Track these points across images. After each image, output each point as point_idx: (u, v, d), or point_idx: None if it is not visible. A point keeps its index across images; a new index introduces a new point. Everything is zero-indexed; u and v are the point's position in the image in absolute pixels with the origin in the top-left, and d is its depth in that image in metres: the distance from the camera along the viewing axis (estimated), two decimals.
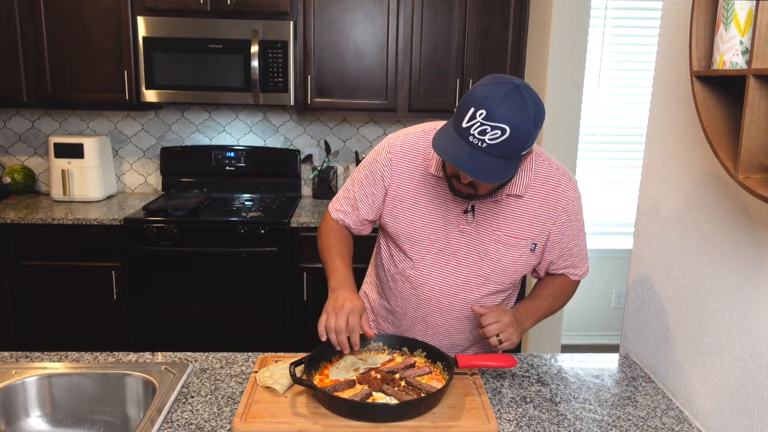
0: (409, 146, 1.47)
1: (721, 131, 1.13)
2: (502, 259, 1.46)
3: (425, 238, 1.47)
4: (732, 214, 1.25)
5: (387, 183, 1.48)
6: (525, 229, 1.45)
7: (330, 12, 3.13)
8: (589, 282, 3.98)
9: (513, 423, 1.29)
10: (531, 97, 1.21)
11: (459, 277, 1.48)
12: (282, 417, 1.25)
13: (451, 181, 1.36)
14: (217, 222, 3.01)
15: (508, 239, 1.45)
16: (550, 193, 1.44)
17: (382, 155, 1.49)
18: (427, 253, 1.48)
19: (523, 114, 1.18)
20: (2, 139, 3.57)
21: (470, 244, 1.46)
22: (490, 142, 1.18)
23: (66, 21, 3.07)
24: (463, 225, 1.45)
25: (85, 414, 1.45)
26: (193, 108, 3.57)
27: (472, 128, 1.19)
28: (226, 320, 3.09)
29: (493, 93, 1.18)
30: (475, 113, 1.18)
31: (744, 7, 1.04)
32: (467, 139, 1.20)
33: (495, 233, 1.44)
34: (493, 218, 1.44)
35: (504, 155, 1.20)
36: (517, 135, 1.18)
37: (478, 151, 1.19)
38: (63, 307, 3.07)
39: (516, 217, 1.44)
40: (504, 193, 1.41)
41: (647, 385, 1.48)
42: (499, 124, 1.17)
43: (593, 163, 3.78)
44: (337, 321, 1.35)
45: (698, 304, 1.36)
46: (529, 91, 1.21)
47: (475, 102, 1.19)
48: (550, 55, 2.92)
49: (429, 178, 1.45)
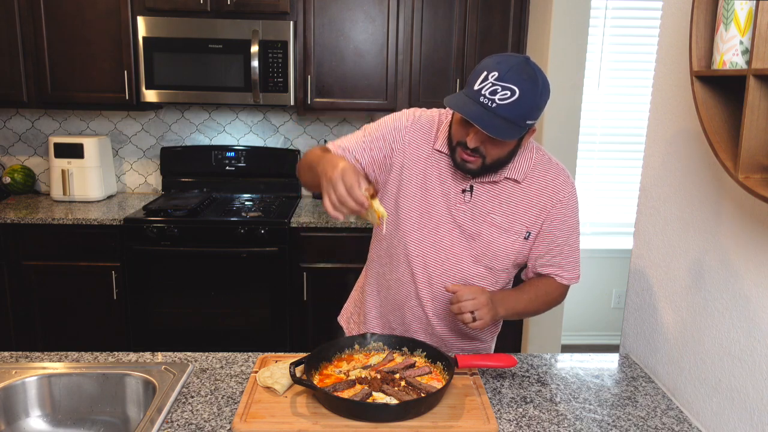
0: (425, 121, 1.51)
1: (721, 131, 1.13)
2: (494, 242, 1.49)
3: (424, 212, 1.50)
4: (732, 214, 1.25)
5: (395, 154, 1.49)
6: (520, 216, 1.47)
7: (330, 12, 3.13)
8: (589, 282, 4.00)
9: (513, 423, 1.29)
10: (539, 71, 1.30)
11: (452, 254, 1.51)
12: (282, 417, 1.25)
13: (456, 150, 1.39)
14: (217, 222, 3.01)
15: (502, 223, 1.48)
16: (549, 185, 1.47)
17: (401, 122, 1.51)
18: (423, 227, 1.51)
19: (533, 81, 1.27)
20: (2, 139, 3.57)
21: (465, 223, 1.49)
22: (500, 102, 1.25)
23: (66, 21, 3.07)
24: (460, 204, 1.48)
25: (85, 414, 1.45)
26: (193, 108, 3.57)
27: (484, 89, 1.26)
28: (226, 320, 3.09)
29: (506, 60, 1.28)
30: (487, 75, 1.26)
31: (744, 7, 1.04)
32: (478, 99, 1.27)
33: (490, 215, 1.47)
34: (489, 201, 1.47)
35: (511, 118, 1.26)
36: (526, 100, 1.25)
37: (487, 111, 1.26)
38: (63, 307, 3.07)
39: (512, 202, 1.47)
40: (503, 176, 1.45)
41: (647, 385, 1.49)
42: (509, 84, 1.25)
43: (593, 163, 3.78)
44: (337, 191, 1.24)
45: (698, 304, 1.36)
46: (537, 66, 1.30)
47: (487, 67, 1.27)
48: (550, 55, 2.92)
49: (434, 153, 1.48)
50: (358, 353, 1.48)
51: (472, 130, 1.33)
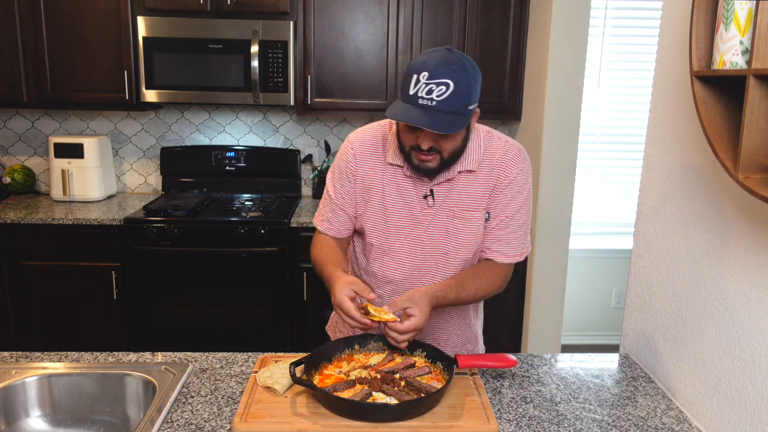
0: (369, 139, 1.55)
1: (721, 131, 1.13)
2: (461, 234, 1.51)
3: (392, 227, 1.53)
4: (732, 214, 1.25)
5: (356, 176, 1.54)
6: (479, 201, 1.51)
7: (330, 12, 3.13)
8: (589, 282, 4.00)
9: (513, 423, 1.29)
10: (464, 56, 1.34)
11: (427, 260, 1.53)
12: (282, 417, 1.25)
13: (411, 156, 1.42)
14: (217, 222, 3.01)
15: (463, 213, 1.50)
16: (500, 162, 1.51)
17: (346, 153, 1.56)
18: (396, 240, 1.53)
19: (462, 69, 1.30)
20: (2, 139, 3.57)
21: (432, 225, 1.51)
22: (439, 99, 1.28)
23: (66, 21, 3.07)
24: (425, 209, 1.51)
25: (85, 414, 1.45)
26: (193, 108, 3.57)
27: (419, 91, 1.29)
28: (226, 320, 3.09)
29: (430, 57, 1.31)
30: (418, 78, 1.29)
31: (744, 7, 1.04)
32: (418, 103, 1.30)
33: (452, 209, 1.50)
34: (451, 198, 1.50)
35: (454, 110, 1.30)
36: (461, 88, 1.29)
37: (429, 110, 1.29)
38: (63, 307, 3.07)
39: (471, 191, 1.51)
40: (457, 171, 1.48)
41: (647, 385, 1.49)
42: (442, 79, 1.28)
43: (593, 163, 3.78)
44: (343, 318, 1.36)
45: (698, 304, 1.36)
46: (460, 52, 1.36)
47: (415, 69, 1.31)
48: (550, 55, 2.92)
49: (388, 168, 1.52)
50: (358, 353, 1.48)
51: (422, 132, 1.36)
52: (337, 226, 1.60)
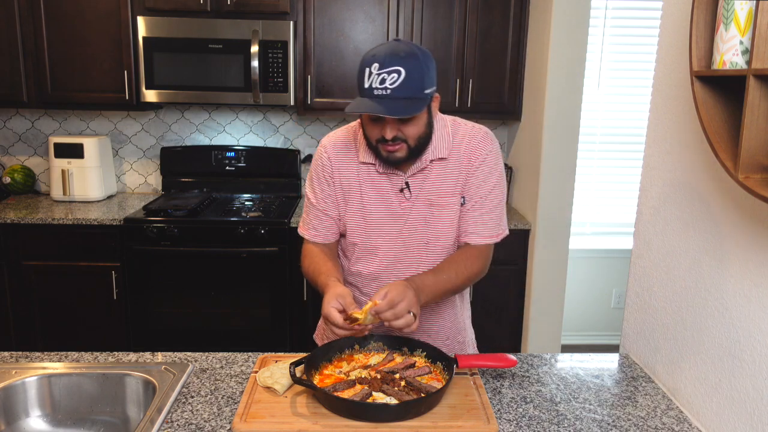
0: (341, 141, 1.58)
1: (721, 131, 1.13)
2: (440, 221, 1.53)
3: (373, 223, 1.55)
4: (732, 214, 1.25)
5: (333, 178, 1.57)
6: (453, 187, 1.53)
7: (330, 12, 3.13)
8: (589, 282, 4.00)
9: (513, 423, 1.29)
10: (413, 44, 1.38)
11: (409, 251, 1.55)
12: (282, 417, 1.25)
13: (379, 149, 1.44)
14: (217, 222, 3.01)
15: (440, 201, 1.53)
16: (469, 147, 1.54)
17: (321, 158, 1.59)
18: (377, 237, 1.55)
19: (411, 55, 1.34)
20: (2, 139, 3.57)
21: (411, 217, 1.53)
22: (392, 87, 1.32)
23: (66, 21, 3.07)
24: (403, 202, 1.53)
25: (85, 414, 1.45)
26: (193, 108, 3.57)
27: (373, 82, 1.33)
28: (226, 320, 3.09)
29: (379, 49, 1.35)
30: (370, 70, 1.33)
31: (744, 7, 1.04)
32: (373, 94, 1.33)
33: (429, 198, 1.53)
34: (427, 188, 1.52)
35: (409, 95, 1.33)
36: (414, 73, 1.32)
37: (385, 99, 1.33)
38: (63, 307, 3.07)
39: (444, 178, 1.53)
40: (428, 159, 1.50)
41: (647, 385, 1.49)
42: (393, 67, 1.32)
43: (593, 163, 3.78)
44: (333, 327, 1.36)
45: (698, 304, 1.36)
46: (408, 41, 1.40)
47: (367, 63, 1.34)
48: (550, 55, 2.92)
49: (362, 167, 1.54)
50: (358, 353, 1.48)
51: (384, 123, 1.39)
52: (324, 232, 1.61)
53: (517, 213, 3.35)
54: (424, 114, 1.42)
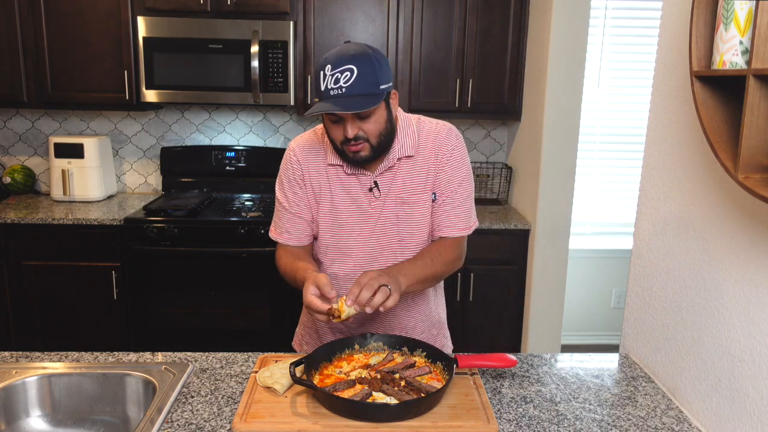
0: (308, 145, 1.60)
1: (721, 131, 1.13)
2: (411, 218, 1.55)
3: (344, 224, 1.56)
4: (732, 214, 1.25)
5: (304, 180, 1.59)
6: (423, 183, 1.55)
7: (330, 12, 3.13)
8: (589, 282, 4.00)
9: (513, 423, 1.29)
10: (363, 44, 1.41)
11: (383, 250, 1.57)
12: (282, 417, 1.25)
13: (344, 150, 1.46)
14: (217, 222, 3.01)
15: (411, 198, 1.55)
16: (435, 143, 1.56)
17: (290, 161, 1.61)
18: (349, 238, 1.57)
19: (361, 53, 1.37)
20: (2, 139, 3.57)
21: (382, 215, 1.55)
22: (347, 85, 1.35)
23: (66, 21, 3.07)
24: (373, 201, 1.54)
25: (85, 414, 1.45)
26: (193, 108, 3.57)
27: (328, 84, 1.36)
28: (226, 320, 3.09)
29: (330, 52, 1.39)
30: (324, 73, 1.36)
31: (744, 7, 1.04)
32: (330, 95, 1.36)
33: (399, 196, 1.54)
34: (396, 186, 1.54)
35: (364, 92, 1.36)
36: (365, 69, 1.36)
37: (341, 97, 1.36)
38: (63, 307, 3.07)
39: (414, 175, 1.55)
40: (395, 158, 1.52)
41: (647, 385, 1.49)
42: (345, 66, 1.35)
43: (593, 163, 3.78)
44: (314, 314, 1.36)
45: (698, 304, 1.36)
46: (358, 42, 1.43)
47: (320, 67, 1.38)
48: (550, 55, 2.92)
49: (330, 169, 1.56)
50: (358, 353, 1.48)
51: (345, 123, 1.41)
52: (297, 235, 1.62)
53: (517, 213, 3.35)
54: (383, 111, 1.44)
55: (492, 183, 3.64)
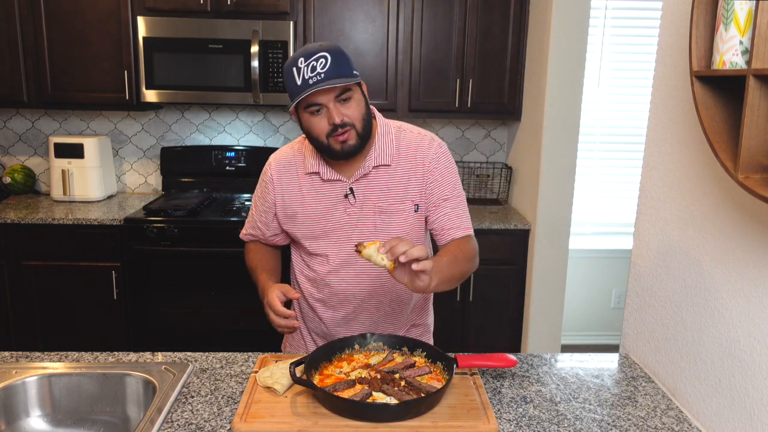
0: (284, 159, 1.61)
1: (721, 131, 1.13)
2: (389, 228, 1.55)
3: (320, 233, 1.57)
4: (732, 214, 1.25)
5: (273, 197, 1.60)
6: (402, 194, 1.55)
7: (330, 12, 3.13)
8: (589, 282, 4.00)
9: (513, 423, 1.29)
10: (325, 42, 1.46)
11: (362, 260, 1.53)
12: (282, 417, 1.25)
13: (331, 144, 1.45)
14: (217, 222, 3.01)
15: (389, 208, 1.54)
16: (416, 154, 1.55)
17: (265, 175, 1.63)
18: (327, 246, 1.57)
19: (329, 45, 1.42)
20: (2, 139, 3.57)
21: (360, 223, 1.55)
22: (324, 70, 1.38)
23: (66, 21, 3.07)
24: (349, 208, 1.54)
25: (85, 414, 1.45)
26: (193, 108, 3.57)
27: (305, 74, 1.38)
28: (226, 320, 3.09)
29: (295, 53, 1.43)
30: (299, 67, 1.39)
31: (744, 7, 1.04)
32: (309, 83, 1.38)
33: (377, 205, 1.54)
34: (372, 193, 1.54)
35: (341, 74, 1.39)
36: (338, 55, 1.40)
37: (320, 82, 1.38)
38: (63, 307, 3.07)
39: (390, 185, 1.54)
40: (371, 166, 1.52)
41: (647, 385, 1.49)
42: (319, 54, 1.39)
43: (593, 163, 3.78)
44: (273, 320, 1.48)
45: (698, 304, 1.36)
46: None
47: (292, 64, 1.40)
48: (550, 55, 2.92)
49: (305, 180, 1.57)
50: (358, 353, 1.48)
51: (329, 111, 1.41)
52: (261, 238, 1.71)
53: (517, 213, 3.35)
54: (360, 96, 1.46)
55: (492, 183, 3.64)
